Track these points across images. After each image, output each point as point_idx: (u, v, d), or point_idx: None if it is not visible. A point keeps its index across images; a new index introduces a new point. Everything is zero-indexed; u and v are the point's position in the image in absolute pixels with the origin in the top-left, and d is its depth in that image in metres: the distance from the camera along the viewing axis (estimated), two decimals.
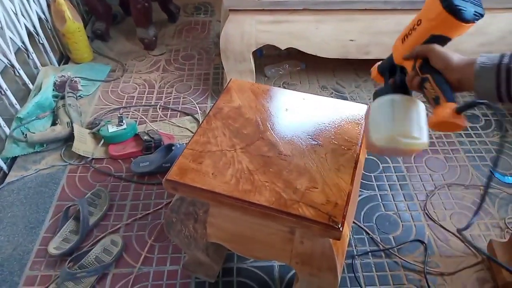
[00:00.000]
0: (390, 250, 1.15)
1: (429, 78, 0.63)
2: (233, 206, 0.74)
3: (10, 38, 1.54)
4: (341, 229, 0.69)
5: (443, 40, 0.65)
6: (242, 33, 1.50)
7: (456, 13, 0.60)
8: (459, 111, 0.60)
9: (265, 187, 0.75)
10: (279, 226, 0.75)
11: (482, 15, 0.61)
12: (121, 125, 1.45)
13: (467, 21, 0.60)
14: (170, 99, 1.71)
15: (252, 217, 0.75)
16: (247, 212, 0.74)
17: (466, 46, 1.55)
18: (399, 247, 1.16)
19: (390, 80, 0.75)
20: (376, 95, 0.73)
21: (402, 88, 0.71)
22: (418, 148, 0.68)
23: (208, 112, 0.93)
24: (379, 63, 0.80)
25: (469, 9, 0.60)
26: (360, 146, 0.85)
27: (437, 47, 0.64)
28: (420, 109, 0.69)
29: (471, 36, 1.53)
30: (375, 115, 0.71)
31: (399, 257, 1.14)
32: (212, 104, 1.66)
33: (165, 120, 1.60)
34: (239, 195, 0.73)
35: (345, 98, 1.70)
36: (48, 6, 1.83)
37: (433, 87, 0.63)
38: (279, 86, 1.77)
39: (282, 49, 1.57)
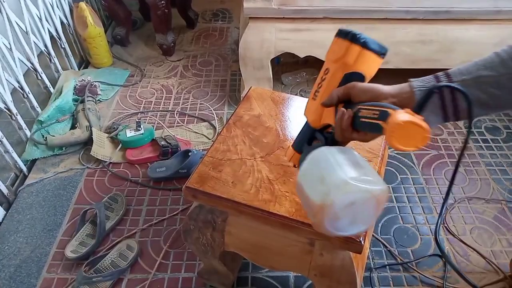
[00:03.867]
0: (409, 264, 1.13)
1: (361, 107, 0.55)
2: (252, 215, 0.74)
3: (34, 42, 1.57)
4: (362, 242, 0.67)
5: (357, 78, 0.60)
6: (262, 40, 1.51)
7: (362, 43, 0.57)
8: (418, 108, 0.50)
9: (285, 198, 0.74)
10: (299, 237, 0.74)
11: (386, 51, 0.59)
12: (139, 130, 1.47)
13: (374, 50, 0.58)
14: (187, 105, 1.72)
15: (271, 228, 0.74)
16: (267, 222, 0.73)
17: None
18: (418, 261, 1.14)
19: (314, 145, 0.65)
20: (300, 165, 0.61)
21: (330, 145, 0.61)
22: (380, 195, 0.51)
23: (228, 120, 0.93)
24: (292, 143, 0.70)
25: (373, 41, 0.58)
26: (382, 157, 0.84)
27: (357, 83, 0.58)
28: (356, 153, 0.58)
29: (493, 47, 1.51)
30: (305, 178, 0.56)
31: (418, 272, 1.11)
32: (229, 111, 1.68)
33: (182, 126, 1.61)
34: (259, 204, 0.73)
35: None
36: (71, 11, 1.87)
37: (371, 108, 0.53)
38: (296, 94, 1.76)
39: (301, 57, 1.56)
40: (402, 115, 0.47)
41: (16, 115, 1.40)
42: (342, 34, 0.60)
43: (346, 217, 0.51)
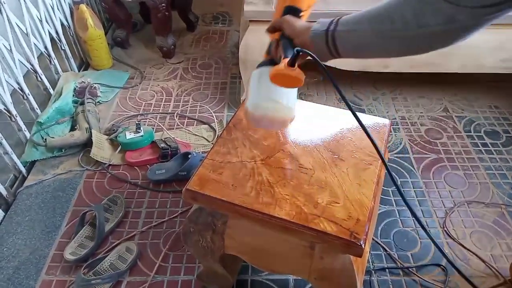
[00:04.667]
0: (410, 269, 1.13)
1: (278, 42, 0.73)
2: (252, 218, 0.73)
3: (34, 43, 1.57)
4: (363, 246, 0.67)
5: (293, 11, 0.74)
6: (262, 44, 1.48)
7: None
8: (290, 63, 0.65)
9: (286, 201, 0.74)
10: (299, 240, 0.74)
11: None
12: (139, 132, 1.46)
13: None
14: (187, 107, 1.72)
15: (271, 231, 0.74)
16: (267, 225, 0.73)
17: (488, 62, 1.53)
18: (417, 266, 1.14)
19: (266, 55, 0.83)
20: (258, 67, 0.80)
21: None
22: (285, 114, 0.78)
23: (228, 122, 0.92)
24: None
25: None
26: (382, 161, 0.84)
27: (287, 17, 0.72)
28: None
29: (493, 51, 1.51)
30: (249, 85, 0.79)
31: (418, 276, 1.11)
32: (229, 114, 1.68)
33: (182, 128, 1.61)
34: (259, 207, 0.73)
35: (362, 111, 1.69)
36: (71, 13, 1.87)
37: (279, 49, 0.71)
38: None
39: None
40: (279, 66, 0.66)
41: (16, 116, 1.39)
42: None
43: (262, 121, 0.80)
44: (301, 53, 0.64)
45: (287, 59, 0.66)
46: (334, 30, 0.64)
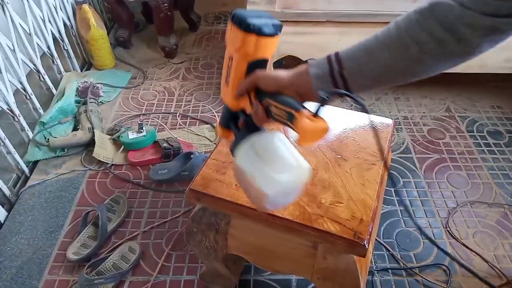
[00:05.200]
0: (412, 269, 1.13)
1: (270, 102, 0.59)
2: (256, 218, 0.73)
3: (37, 43, 1.58)
4: (366, 246, 0.67)
5: (261, 64, 0.61)
6: None
7: (257, 31, 0.56)
8: (316, 113, 0.55)
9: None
10: (302, 240, 0.74)
11: (281, 26, 0.58)
12: (141, 132, 1.47)
13: (269, 34, 0.57)
14: (189, 107, 1.72)
15: (274, 231, 0.74)
16: (270, 225, 0.73)
17: (491, 62, 1.52)
18: (420, 266, 1.13)
19: (239, 127, 0.67)
20: (234, 149, 0.65)
21: (254, 129, 0.64)
22: (305, 178, 0.61)
23: None
24: (219, 121, 0.72)
25: (266, 23, 0.57)
26: (385, 161, 0.84)
27: (260, 72, 0.60)
28: (280, 137, 0.63)
29: (496, 51, 1.51)
30: (246, 169, 0.61)
31: (421, 276, 1.11)
32: None
33: (184, 128, 1.61)
34: None
35: (365, 111, 1.68)
36: (74, 13, 1.87)
37: (279, 107, 0.58)
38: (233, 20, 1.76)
39: (304, 60, 1.56)
40: (304, 122, 0.54)
41: (19, 116, 1.40)
42: (235, 22, 0.57)
43: (281, 198, 0.61)
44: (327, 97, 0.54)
45: (306, 111, 0.55)
46: (341, 69, 0.56)
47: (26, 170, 1.40)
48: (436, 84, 1.83)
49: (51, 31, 1.69)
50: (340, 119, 0.95)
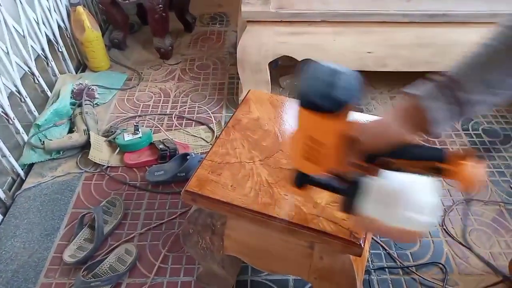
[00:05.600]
0: (409, 268, 1.13)
1: (395, 162, 0.52)
2: (252, 219, 0.73)
3: (31, 46, 1.57)
4: (362, 245, 0.67)
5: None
6: (260, 44, 1.51)
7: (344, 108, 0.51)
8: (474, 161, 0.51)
9: (285, 201, 0.74)
10: (299, 240, 0.74)
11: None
12: (137, 134, 1.46)
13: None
14: (185, 108, 1.72)
15: (271, 231, 0.74)
16: (266, 225, 0.73)
17: None
18: (416, 264, 1.14)
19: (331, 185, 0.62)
20: (348, 206, 0.59)
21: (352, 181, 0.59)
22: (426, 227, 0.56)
23: (227, 123, 0.92)
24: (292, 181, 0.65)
25: (350, 94, 0.51)
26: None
27: (359, 136, 0.53)
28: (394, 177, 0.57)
29: None
30: (385, 218, 0.56)
31: (417, 274, 1.11)
32: (227, 114, 1.68)
33: (180, 129, 1.61)
34: (259, 208, 0.73)
35: (360, 110, 1.69)
36: (68, 15, 1.86)
37: (414, 164, 0.52)
38: (294, 97, 1.76)
39: (299, 60, 1.57)
40: (469, 172, 0.49)
41: (13, 119, 1.39)
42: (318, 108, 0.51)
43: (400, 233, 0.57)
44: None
45: (457, 161, 0.49)
46: (465, 102, 0.51)
47: (22, 173, 1.40)
48: None
49: (45, 33, 1.69)
50: None
